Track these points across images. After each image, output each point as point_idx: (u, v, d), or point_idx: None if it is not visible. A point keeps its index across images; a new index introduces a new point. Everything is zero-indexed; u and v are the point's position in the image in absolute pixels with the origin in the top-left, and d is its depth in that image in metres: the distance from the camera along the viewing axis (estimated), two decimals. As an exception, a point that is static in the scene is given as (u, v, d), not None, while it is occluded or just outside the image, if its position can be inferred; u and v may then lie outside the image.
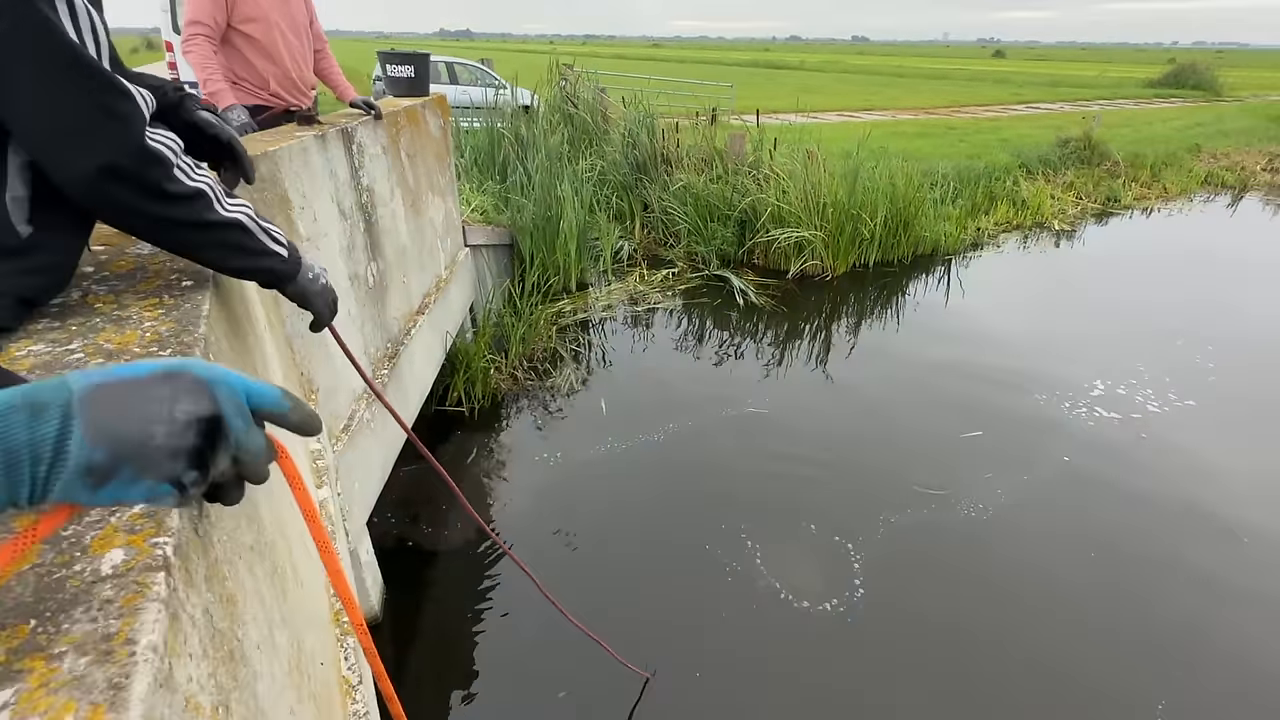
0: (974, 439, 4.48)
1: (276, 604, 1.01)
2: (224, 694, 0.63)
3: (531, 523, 3.75)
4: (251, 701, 0.72)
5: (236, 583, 0.79)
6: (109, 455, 0.43)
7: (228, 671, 0.66)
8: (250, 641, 0.79)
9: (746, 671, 2.86)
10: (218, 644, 0.65)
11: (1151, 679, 2.85)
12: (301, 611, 1.21)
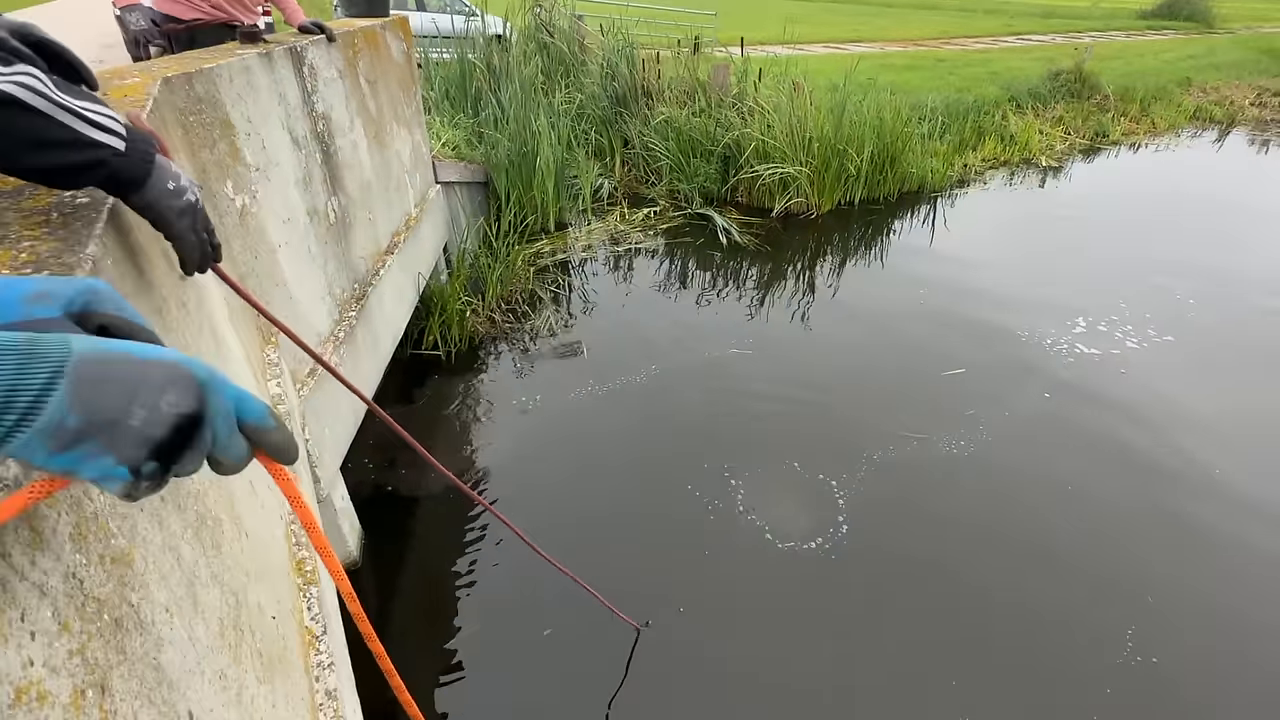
0: (956, 376, 4.45)
1: (203, 559, 0.91)
2: (99, 672, 0.53)
3: (513, 466, 3.68)
4: (150, 674, 0.63)
5: (133, 539, 0.68)
6: (82, 424, 0.42)
7: (109, 644, 0.56)
8: (154, 605, 0.69)
9: (730, 610, 2.87)
10: (91, 614, 0.55)
11: (1122, 609, 2.90)
12: (243, 565, 1.11)
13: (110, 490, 0.46)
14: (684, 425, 3.97)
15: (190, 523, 0.90)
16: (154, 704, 0.62)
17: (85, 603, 0.54)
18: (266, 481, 1.65)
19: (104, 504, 0.64)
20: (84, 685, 0.50)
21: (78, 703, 0.49)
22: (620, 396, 4.23)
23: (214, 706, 0.78)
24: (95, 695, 0.52)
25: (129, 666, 0.59)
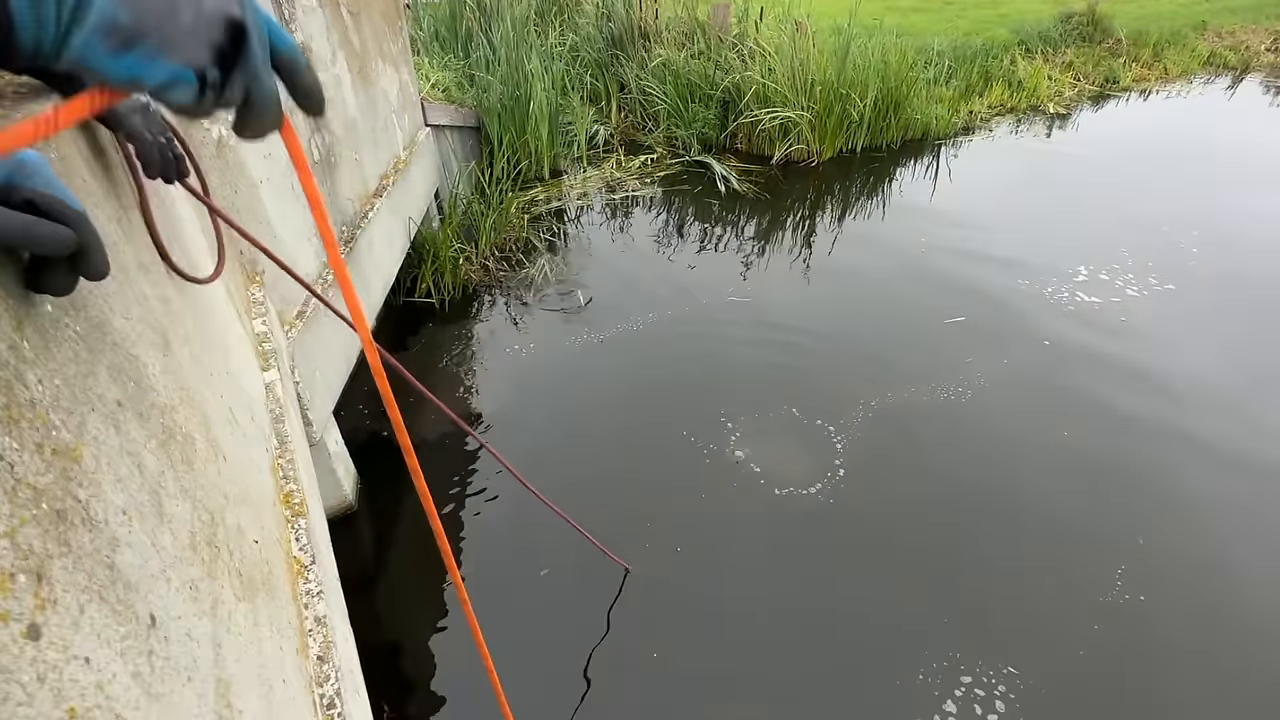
0: (956, 324, 4.40)
1: (170, 472, 0.87)
2: (34, 559, 0.49)
3: (507, 413, 3.66)
4: (101, 571, 0.59)
5: (82, 437, 0.64)
6: (132, 18, 0.41)
7: (48, 535, 0.53)
8: (108, 505, 0.65)
9: (726, 552, 2.88)
10: (25, 501, 0.51)
11: (1113, 551, 2.91)
12: (220, 486, 1.08)
13: (177, 99, 0.46)
14: (681, 373, 3.94)
15: (155, 434, 0.85)
16: (106, 601, 0.58)
17: (16, 488, 0.50)
18: (250, 413, 1.61)
19: (44, 395, 0.59)
20: (14, 569, 0.47)
21: (5, 585, 0.45)
22: (617, 345, 4.19)
23: (182, 615, 0.75)
24: (29, 581, 0.48)
25: (73, 560, 0.55)
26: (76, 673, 0.50)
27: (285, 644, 1.17)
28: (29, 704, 0.44)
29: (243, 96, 0.49)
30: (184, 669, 0.71)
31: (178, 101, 0.47)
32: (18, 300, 0.60)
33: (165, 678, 0.66)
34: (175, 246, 1.39)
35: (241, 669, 0.90)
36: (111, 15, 0.40)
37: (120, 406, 0.77)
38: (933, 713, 2.28)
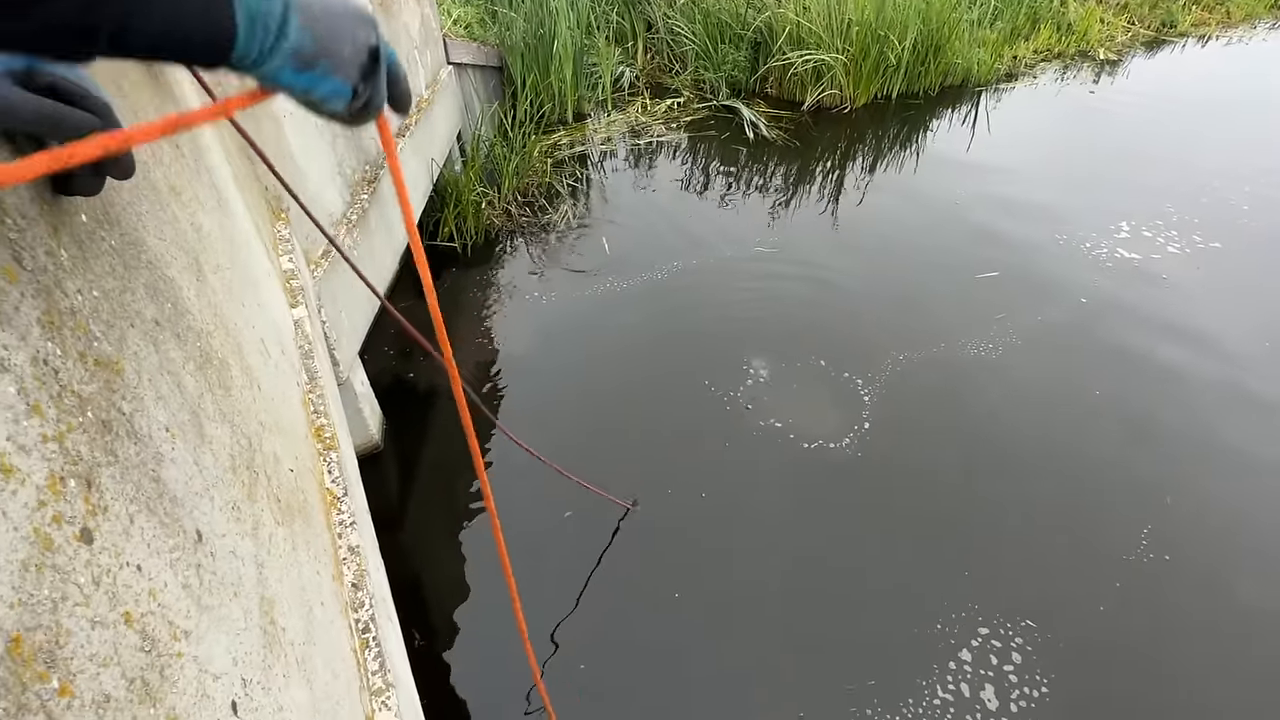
0: (989, 279, 4.28)
1: (209, 395, 0.87)
2: (82, 465, 0.49)
3: (528, 359, 3.66)
4: (148, 484, 0.59)
5: (122, 351, 0.63)
6: (314, 46, 0.53)
7: (95, 443, 0.52)
8: (151, 420, 0.64)
9: (747, 503, 2.90)
10: (70, 407, 0.50)
11: (1140, 510, 2.88)
12: (255, 414, 1.08)
13: (333, 107, 0.58)
14: (704, 323, 3.90)
15: (193, 356, 0.85)
16: (155, 514, 0.58)
17: (61, 394, 0.49)
18: (281, 347, 1.61)
19: (84, 305, 0.58)
20: (64, 473, 0.46)
21: (56, 487, 0.44)
22: (639, 293, 4.14)
23: (226, 533, 0.76)
24: (79, 486, 0.47)
25: (121, 470, 0.55)
26: (129, 579, 0.50)
27: (322, 570, 1.19)
28: (86, 605, 0.44)
29: (368, 102, 0.60)
30: (230, 584, 0.72)
31: (331, 109, 0.58)
32: (51, 206, 0.58)
33: (213, 591, 0.66)
34: (203, 172, 1.36)
35: (283, 589, 0.91)
36: (299, 43, 0.52)
37: (158, 326, 0.76)
38: (948, 660, 2.31)
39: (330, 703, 0.97)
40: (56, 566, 0.42)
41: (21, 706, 0.35)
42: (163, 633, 0.53)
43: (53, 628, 0.39)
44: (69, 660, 0.40)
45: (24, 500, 0.41)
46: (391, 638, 1.49)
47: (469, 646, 2.43)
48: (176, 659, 0.54)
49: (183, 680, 0.54)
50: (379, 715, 1.20)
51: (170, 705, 0.51)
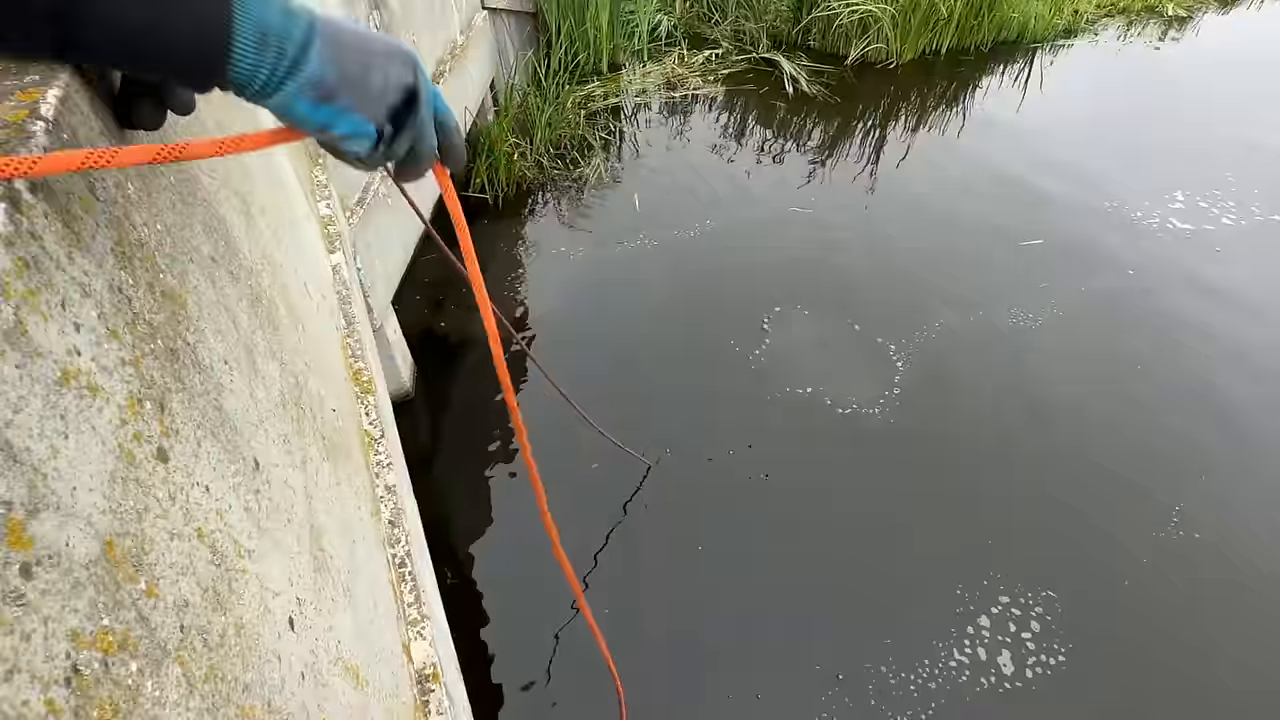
0: (1033, 247, 4.15)
1: (260, 332, 0.90)
2: (156, 389, 0.51)
3: (556, 313, 3.68)
4: (212, 412, 0.62)
5: (184, 285, 0.65)
6: (337, 78, 0.48)
7: (166, 370, 0.54)
8: (212, 352, 0.67)
9: (774, 463, 2.92)
10: (143, 334, 0.52)
11: (1174, 487, 2.83)
12: (301, 353, 1.11)
13: (354, 149, 0.54)
14: (734, 283, 3.86)
15: (245, 294, 0.87)
16: (219, 440, 0.61)
17: (135, 321, 0.52)
18: (321, 291, 1.65)
19: (150, 238, 0.60)
20: (141, 395, 0.48)
21: (134, 408, 0.47)
22: (670, 250, 4.11)
23: (279, 464, 0.80)
24: (154, 409, 0.50)
25: (188, 397, 0.57)
26: (200, 498, 0.54)
27: (362, 505, 1.25)
28: (165, 517, 0.47)
29: (407, 151, 0.57)
30: (284, 511, 0.76)
31: (354, 151, 0.54)
32: (117, 139, 0.59)
33: (270, 515, 0.70)
34: (245, 109, 1.37)
35: (330, 520, 0.96)
36: (320, 74, 0.47)
37: (214, 262, 0.78)
38: (966, 625, 2.34)
39: (373, 629, 1.02)
40: (139, 480, 0.44)
41: (117, 602, 0.38)
42: (229, 549, 0.56)
43: (138, 535, 0.42)
44: (153, 566, 0.43)
45: (109, 418, 0.43)
46: (426, 573, 1.56)
47: (496, 583, 2.52)
48: (242, 575, 0.57)
49: (248, 595, 0.58)
50: (415, 644, 1.26)
51: (238, 615, 0.54)
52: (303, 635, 0.70)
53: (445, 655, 1.42)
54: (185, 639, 0.44)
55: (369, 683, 0.90)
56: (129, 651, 0.37)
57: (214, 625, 0.49)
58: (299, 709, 0.62)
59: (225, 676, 0.49)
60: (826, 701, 2.18)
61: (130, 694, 0.36)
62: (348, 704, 0.78)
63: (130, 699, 0.36)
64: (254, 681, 0.54)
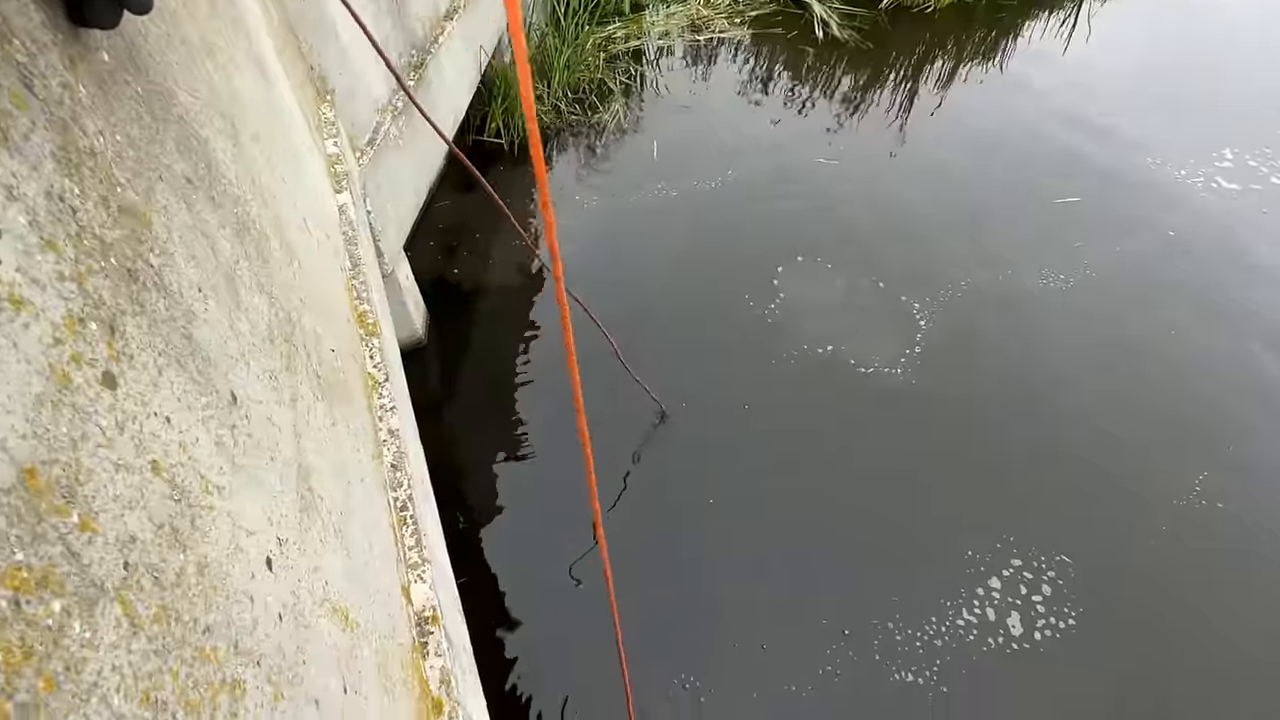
0: (1069, 205, 3.97)
1: (247, 263, 0.85)
2: (105, 310, 0.47)
3: (571, 265, 3.61)
4: (179, 340, 0.58)
5: (150, 203, 0.60)
6: None
7: (120, 291, 0.50)
8: (182, 278, 0.63)
9: (789, 417, 2.87)
10: (90, 250, 0.48)
11: (1199, 457, 2.75)
12: (295, 290, 1.07)
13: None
14: (756, 234, 3.75)
15: (228, 221, 0.83)
16: (185, 370, 0.58)
17: (80, 235, 0.47)
18: (324, 229, 1.60)
19: (106, 148, 0.55)
20: (84, 315, 0.44)
21: (74, 327, 0.43)
22: (689, 201, 3.99)
23: (263, 400, 0.76)
24: (101, 331, 0.46)
25: (148, 321, 0.53)
26: (157, 429, 0.50)
27: (362, 448, 1.22)
28: (109, 447, 0.43)
29: None
30: (266, 449, 0.73)
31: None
32: (68, 37, 0.54)
33: (248, 452, 0.67)
34: (241, 37, 1.30)
35: (322, 461, 0.93)
36: None
37: (190, 184, 0.73)
38: (976, 586, 2.32)
39: (368, 571, 1.01)
40: (76, 406, 0.40)
41: (37, 536, 0.34)
42: (193, 485, 0.53)
43: (72, 464, 0.38)
44: (90, 499, 0.39)
45: (38, 335, 0.39)
46: (428, 517, 1.55)
47: (502, 530, 2.54)
48: (208, 511, 0.54)
49: (215, 532, 0.54)
50: (414, 587, 1.26)
51: (202, 553, 0.51)
52: (282, 576, 0.67)
53: (446, 599, 1.42)
54: (130, 577, 0.41)
55: (360, 624, 0.88)
56: (50, 590, 0.34)
57: (169, 564, 0.46)
58: (273, 650, 0.59)
59: (181, 618, 0.46)
60: (831, 655, 2.18)
61: (49, 635, 0.33)
62: (334, 645, 0.77)
63: (49, 641, 0.33)
64: (218, 623, 0.51)
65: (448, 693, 1.16)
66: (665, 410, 2.85)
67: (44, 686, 0.32)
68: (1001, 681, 2.11)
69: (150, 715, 0.39)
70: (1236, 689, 2.13)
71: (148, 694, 0.40)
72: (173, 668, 0.43)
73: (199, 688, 0.45)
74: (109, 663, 0.37)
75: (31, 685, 0.31)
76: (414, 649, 1.15)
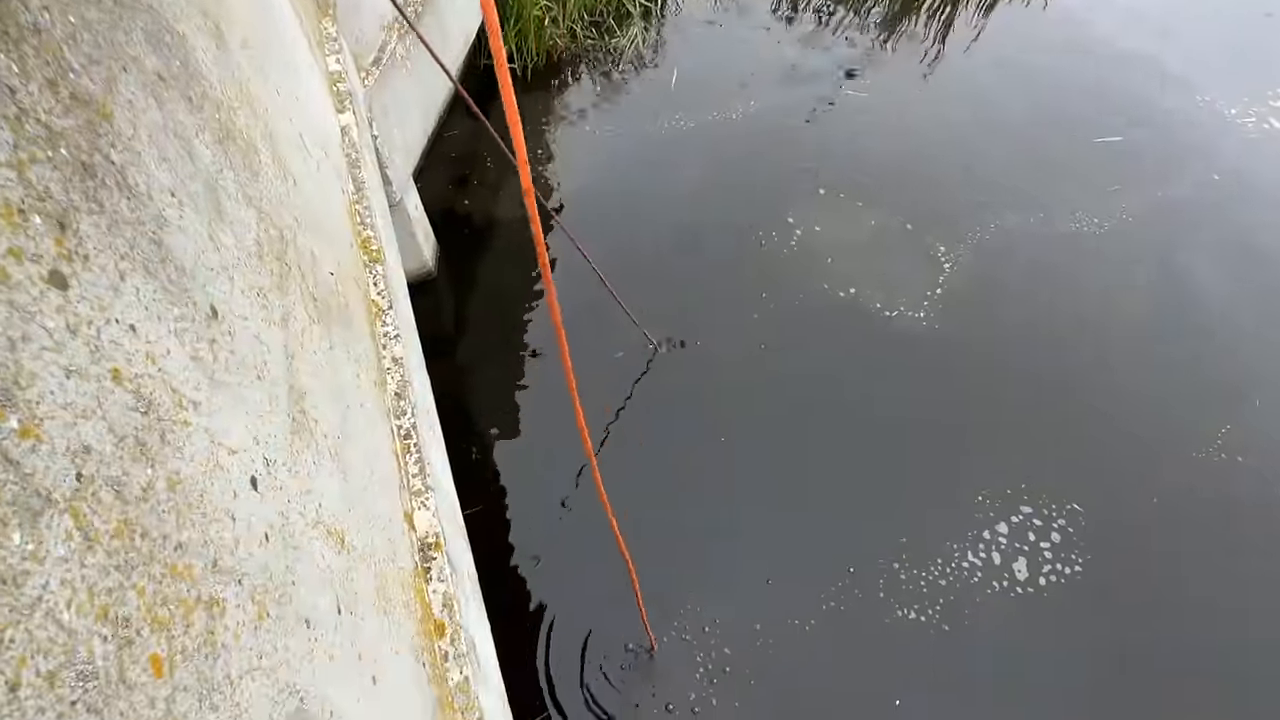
0: (1109, 145, 3.76)
1: (230, 173, 0.80)
2: (50, 203, 0.43)
3: (583, 197, 3.51)
4: (147, 246, 0.54)
5: (111, 95, 0.55)
6: None
7: (72, 185, 0.46)
8: (151, 179, 0.58)
9: (802, 358, 2.82)
10: (34, 137, 0.43)
11: (1223, 410, 2.68)
12: (289, 207, 1.02)
13: None
14: (778, 170, 3.60)
15: (209, 126, 0.77)
16: (155, 277, 0.54)
17: (21, 119, 0.42)
18: (324, 149, 1.53)
19: (54, 28, 0.50)
20: (25, 206, 0.40)
21: (13, 219, 0.39)
22: (709, 133, 3.83)
23: (249, 317, 0.73)
24: (47, 225, 0.42)
25: (107, 222, 0.49)
26: (119, 336, 0.46)
27: (363, 374, 1.20)
28: (56, 351, 0.39)
29: None
30: (252, 367, 0.70)
31: None
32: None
33: (231, 369, 0.64)
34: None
35: (317, 384, 0.90)
36: None
37: (162, 81, 0.68)
38: (983, 531, 2.31)
39: (367, 496, 1.00)
40: (14, 304, 0.37)
41: (-35, 438, 0.31)
42: (164, 398, 0.50)
43: (10, 365, 0.35)
44: (32, 404, 0.36)
45: (-37, 221, 0.35)
46: (433, 445, 1.54)
47: (510, 460, 2.55)
48: (182, 426, 0.52)
49: (190, 448, 0.52)
50: (418, 513, 1.26)
51: (173, 469, 0.49)
52: (269, 496, 0.65)
53: (450, 526, 1.43)
54: (84, 489, 0.38)
55: (357, 548, 0.88)
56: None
57: (133, 477, 0.44)
58: (258, 570, 0.58)
59: (149, 533, 0.44)
60: (835, 591, 2.20)
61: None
62: (326, 567, 0.76)
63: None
64: (193, 541, 0.49)
65: (450, 616, 1.17)
66: (657, 345, 2.82)
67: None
68: (1003, 623, 2.13)
69: (110, 632, 0.37)
70: (1245, 642, 2.13)
71: (105, 609, 0.38)
72: (137, 584, 0.41)
73: (168, 604, 0.44)
74: (57, 576, 0.35)
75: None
76: (416, 574, 1.16)
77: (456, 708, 1.17)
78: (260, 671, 0.54)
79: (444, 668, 1.19)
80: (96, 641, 0.36)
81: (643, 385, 2.75)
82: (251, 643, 0.54)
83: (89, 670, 0.35)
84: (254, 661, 0.54)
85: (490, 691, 1.38)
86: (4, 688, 0.29)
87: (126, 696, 0.37)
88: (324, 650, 0.70)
